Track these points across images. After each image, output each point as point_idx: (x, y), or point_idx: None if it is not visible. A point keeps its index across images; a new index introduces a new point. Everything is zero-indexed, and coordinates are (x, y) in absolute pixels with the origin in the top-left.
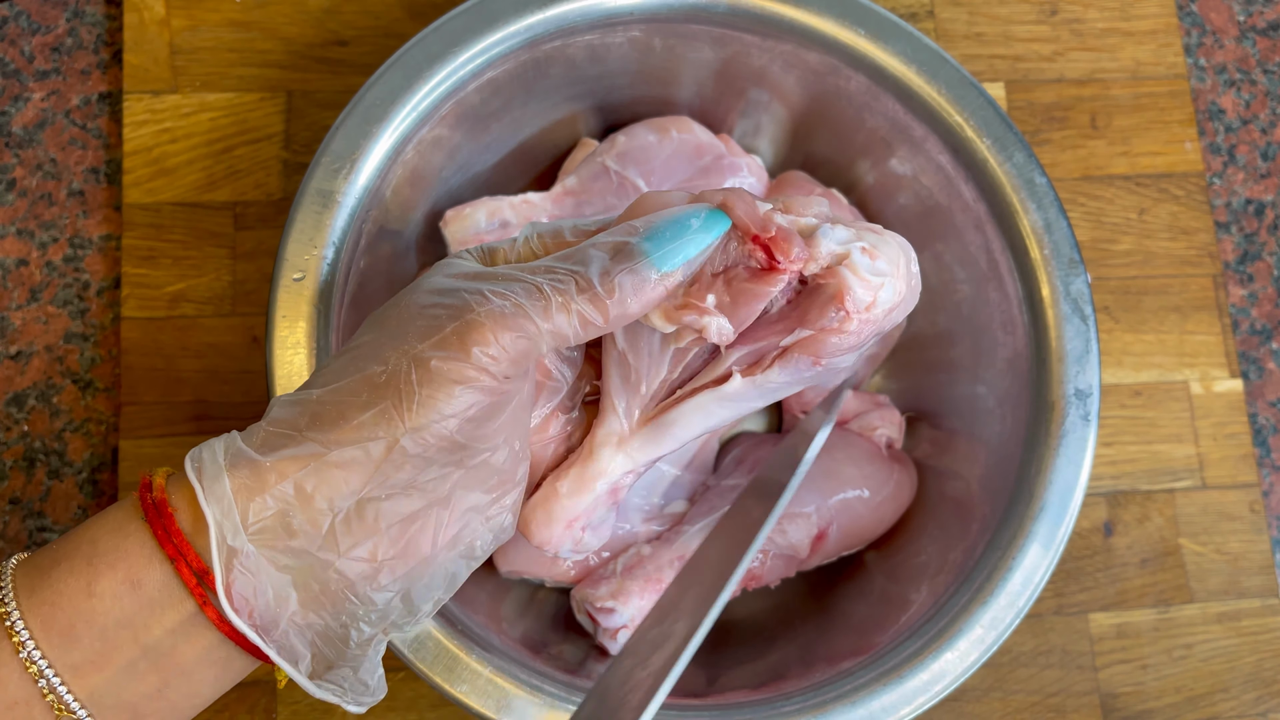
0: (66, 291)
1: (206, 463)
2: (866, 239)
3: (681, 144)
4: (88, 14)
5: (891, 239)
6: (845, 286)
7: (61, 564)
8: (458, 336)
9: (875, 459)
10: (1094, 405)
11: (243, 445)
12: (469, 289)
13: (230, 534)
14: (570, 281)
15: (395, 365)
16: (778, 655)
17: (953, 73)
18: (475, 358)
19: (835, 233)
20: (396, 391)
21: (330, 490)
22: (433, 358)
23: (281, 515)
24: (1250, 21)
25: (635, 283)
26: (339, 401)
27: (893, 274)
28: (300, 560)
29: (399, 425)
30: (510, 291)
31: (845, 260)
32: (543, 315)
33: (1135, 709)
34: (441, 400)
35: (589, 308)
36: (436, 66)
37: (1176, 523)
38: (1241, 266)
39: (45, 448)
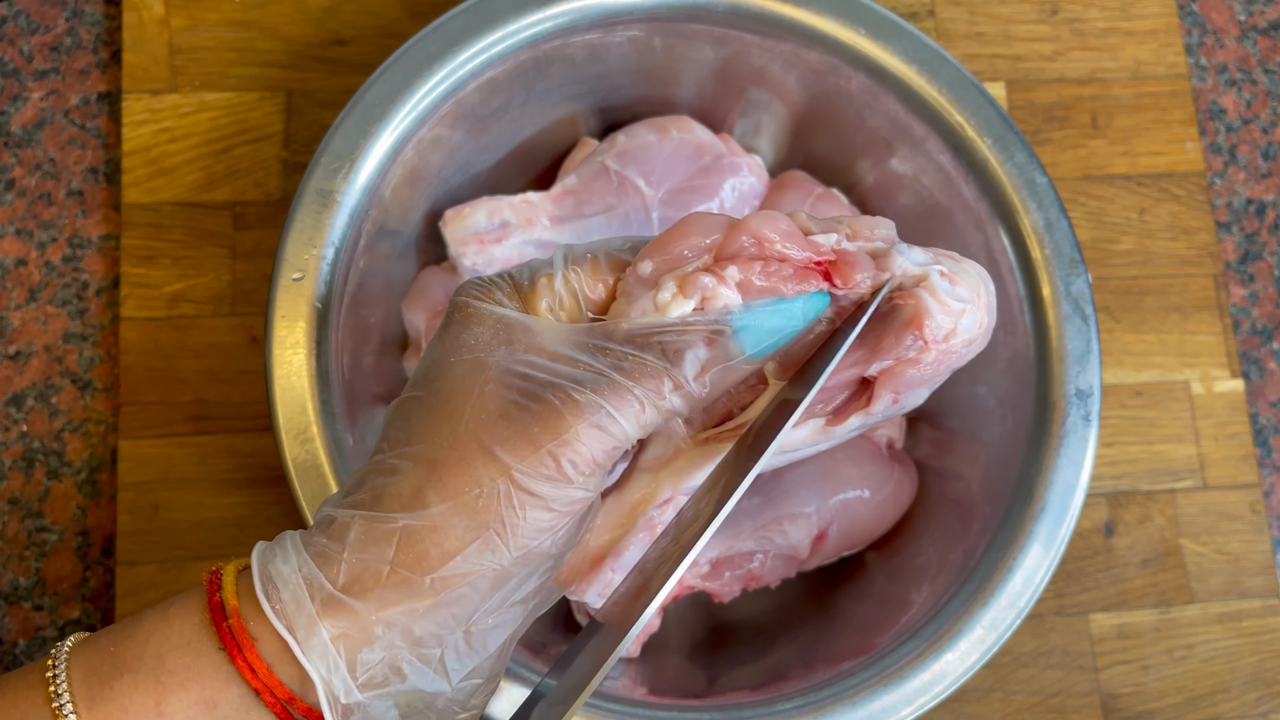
0: (65, 291)
1: (290, 605)
2: (945, 263)
3: (681, 143)
4: (87, 13)
5: (971, 267)
6: (924, 310)
7: (125, 675)
8: (553, 457)
9: (876, 459)
10: (1095, 405)
11: (327, 584)
12: (555, 384)
13: (343, 692)
14: (663, 381)
15: (490, 488)
16: (778, 656)
17: (953, 72)
18: (574, 477)
19: (911, 253)
20: (499, 519)
21: (438, 628)
22: (531, 480)
23: (390, 662)
24: (1251, 21)
25: (725, 372)
26: (434, 530)
27: (974, 302)
28: (411, 695)
29: (504, 553)
30: (601, 398)
31: (924, 283)
32: (635, 421)
33: (1136, 709)
34: (545, 520)
35: (679, 403)
36: (436, 66)
37: (1177, 523)
38: (1242, 266)
39: (44, 448)
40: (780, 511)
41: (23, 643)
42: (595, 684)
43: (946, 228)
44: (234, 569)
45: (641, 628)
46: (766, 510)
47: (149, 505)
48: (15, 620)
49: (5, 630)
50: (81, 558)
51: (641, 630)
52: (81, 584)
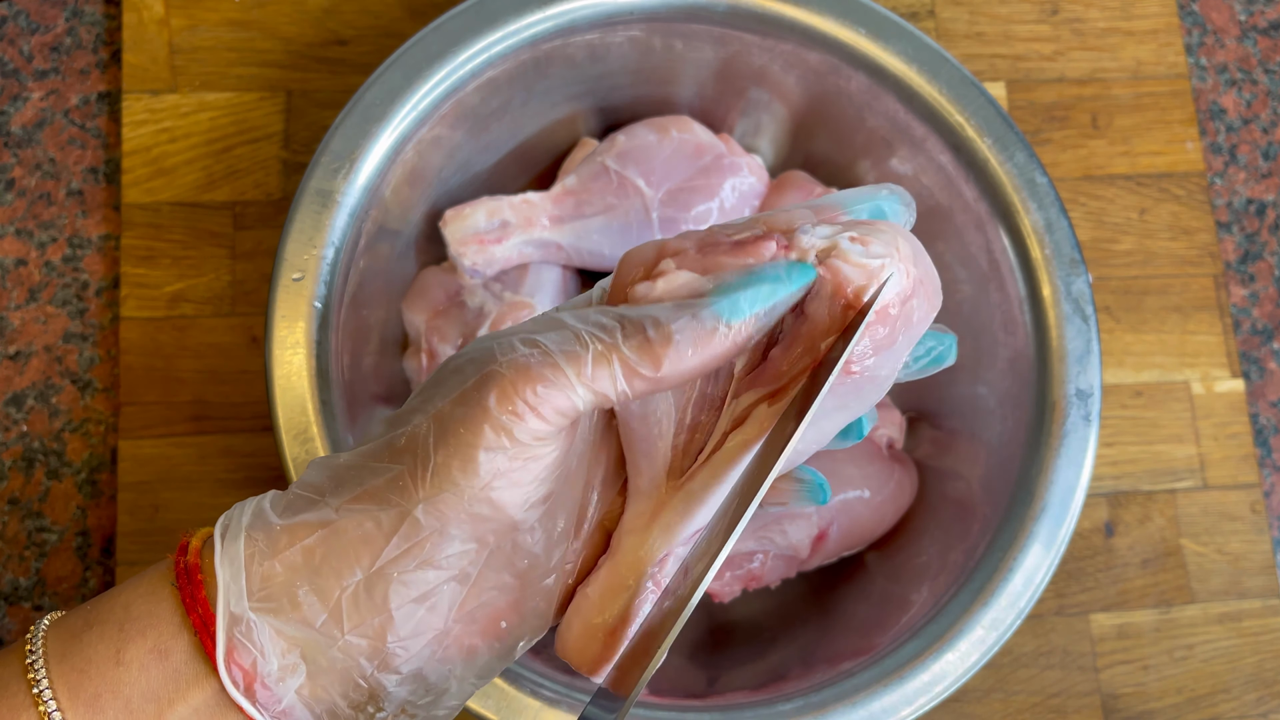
0: (65, 291)
1: (232, 523)
2: (854, 229)
3: (682, 143)
4: (87, 13)
5: (884, 225)
6: (840, 277)
7: (94, 628)
8: (476, 390)
9: (876, 459)
10: (1095, 405)
11: (267, 507)
12: (500, 338)
13: (234, 599)
14: (616, 327)
15: (416, 426)
16: (778, 656)
17: (953, 72)
18: (493, 415)
19: (816, 230)
20: (413, 455)
21: (339, 562)
22: (450, 417)
23: (288, 585)
24: (1251, 21)
25: (696, 331)
26: (360, 466)
27: (891, 256)
28: (306, 633)
29: (413, 495)
30: (542, 339)
31: (834, 251)
32: (577, 363)
33: (1136, 710)
34: (458, 467)
35: (635, 355)
36: (436, 66)
37: (1178, 523)
38: (1243, 266)
39: (44, 448)
40: (780, 511)
41: None
42: None
43: (946, 228)
44: (210, 530)
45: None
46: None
47: (149, 505)
48: (15, 620)
49: (5, 630)
50: (81, 558)
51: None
52: (81, 584)
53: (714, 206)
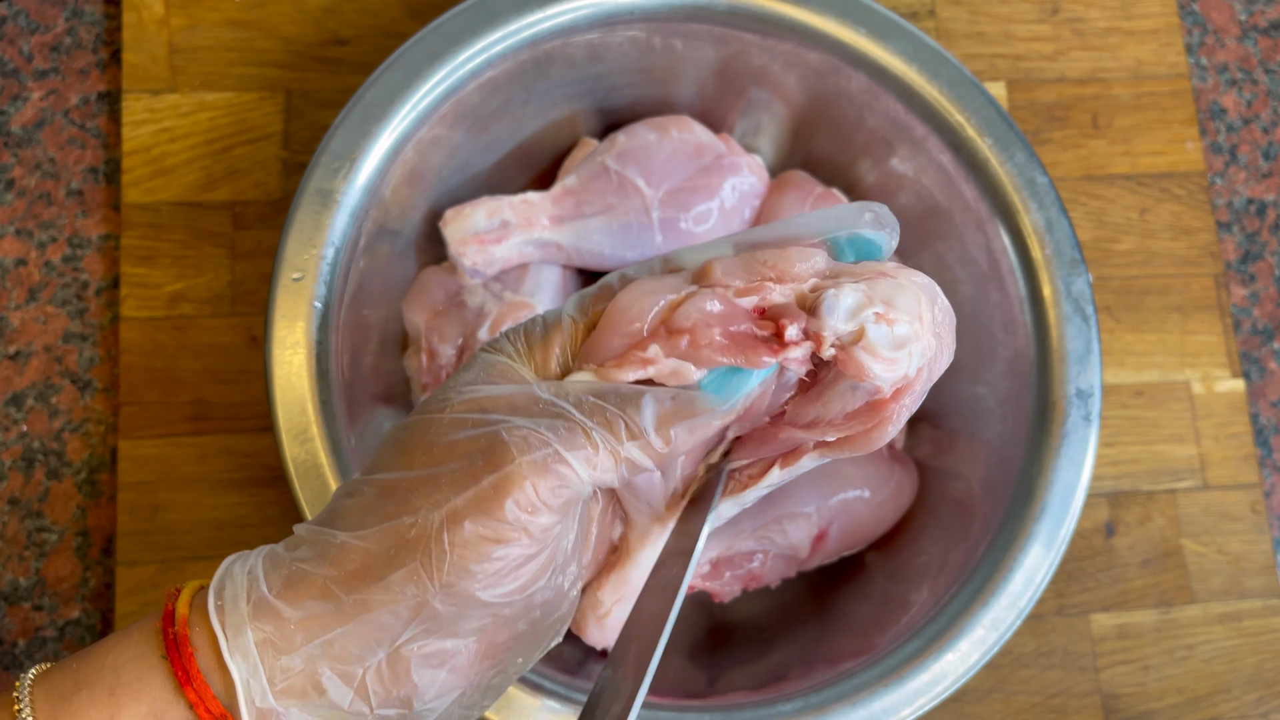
0: (65, 291)
1: (229, 605)
2: (878, 294)
3: (681, 143)
4: (86, 13)
5: (908, 283)
6: (865, 373)
7: (83, 690)
8: (494, 491)
9: (876, 459)
10: (1095, 405)
11: (265, 591)
12: (507, 425)
13: (258, 695)
14: (620, 425)
15: (425, 520)
16: (778, 656)
17: (954, 72)
18: (512, 516)
19: (842, 301)
20: (426, 551)
21: (359, 648)
22: (466, 516)
23: (310, 674)
24: (1252, 21)
25: (691, 427)
26: (365, 551)
27: (916, 332)
28: (335, 714)
29: (429, 587)
30: (554, 436)
31: (861, 340)
32: (587, 464)
33: (1137, 710)
34: (474, 561)
35: (639, 455)
36: (436, 66)
37: (1178, 523)
38: (1243, 266)
39: (44, 448)
40: (780, 511)
41: (23, 643)
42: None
43: (947, 228)
44: (198, 583)
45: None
46: (766, 510)
47: (149, 505)
48: (15, 620)
49: (5, 630)
50: (81, 558)
51: None
52: (81, 584)
53: (714, 206)
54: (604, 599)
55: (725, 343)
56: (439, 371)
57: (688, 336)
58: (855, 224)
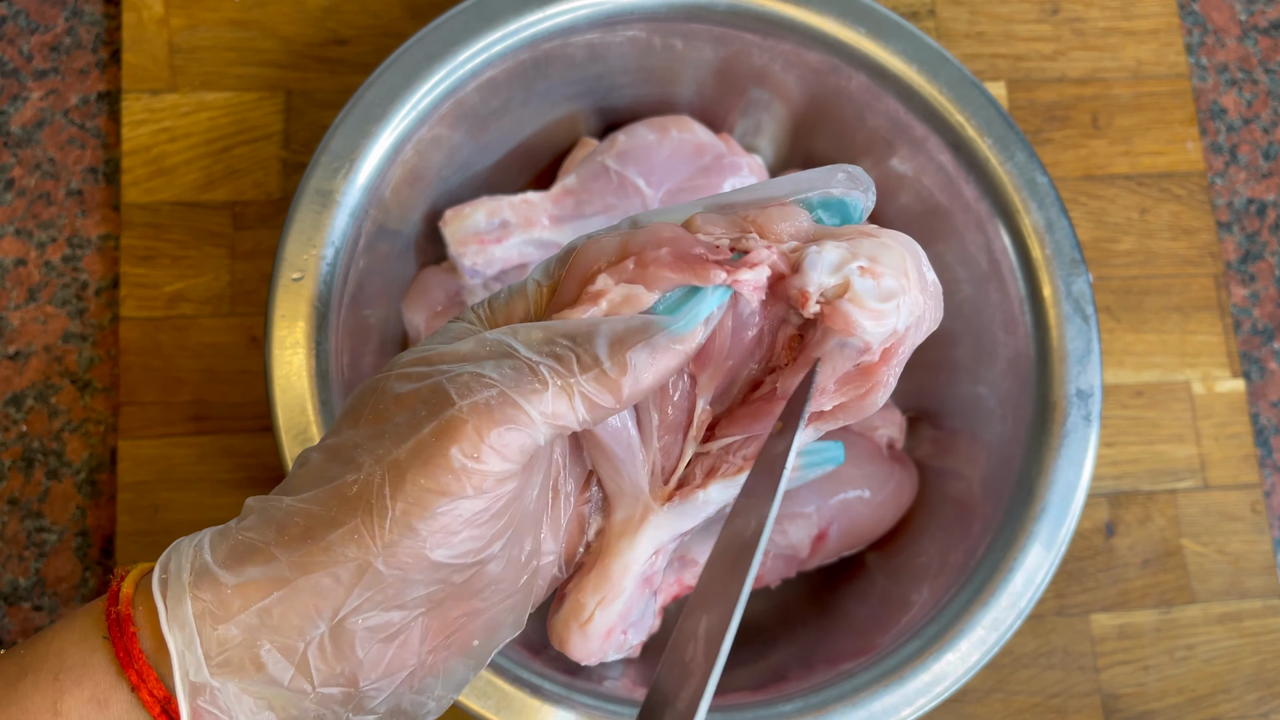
0: (65, 291)
1: (172, 578)
2: (863, 251)
3: (682, 143)
4: (86, 13)
5: (892, 241)
6: (853, 326)
7: (28, 675)
8: (435, 439)
9: (876, 459)
10: (1095, 405)
11: (209, 559)
12: (451, 372)
13: (193, 668)
14: (571, 358)
15: (368, 474)
16: (778, 656)
17: (954, 72)
18: (457, 464)
19: (825, 256)
20: (368, 506)
21: (299, 618)
22: (407, 468)
23: (248, 645)
24: (1252, 21)
25: (650, 354)
26: (308, 513)
27: (903, 286)
28: (275, 690)
29: (370, 547)
30: (499, 375)
31: (847, 292)
32: (537, 401)
33: (1137, 710)
34: (418, 517)
35: (595, 388)
36: (436, 66)
37: (1178, 523)
38: (1243, 266)
39: (44, 448)
40: (780, 511)
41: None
42: None
43: (947, 228)
44: (147, 565)
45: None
46: None
47: (148, 505)
48: (15, 620)
49: (5, 630)
50: (81, 558)
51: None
52: (81, 584)
53: None
54: (585, 602)
55: (673, 260)
56: None
57: (634, 259)
58: (828, 184)
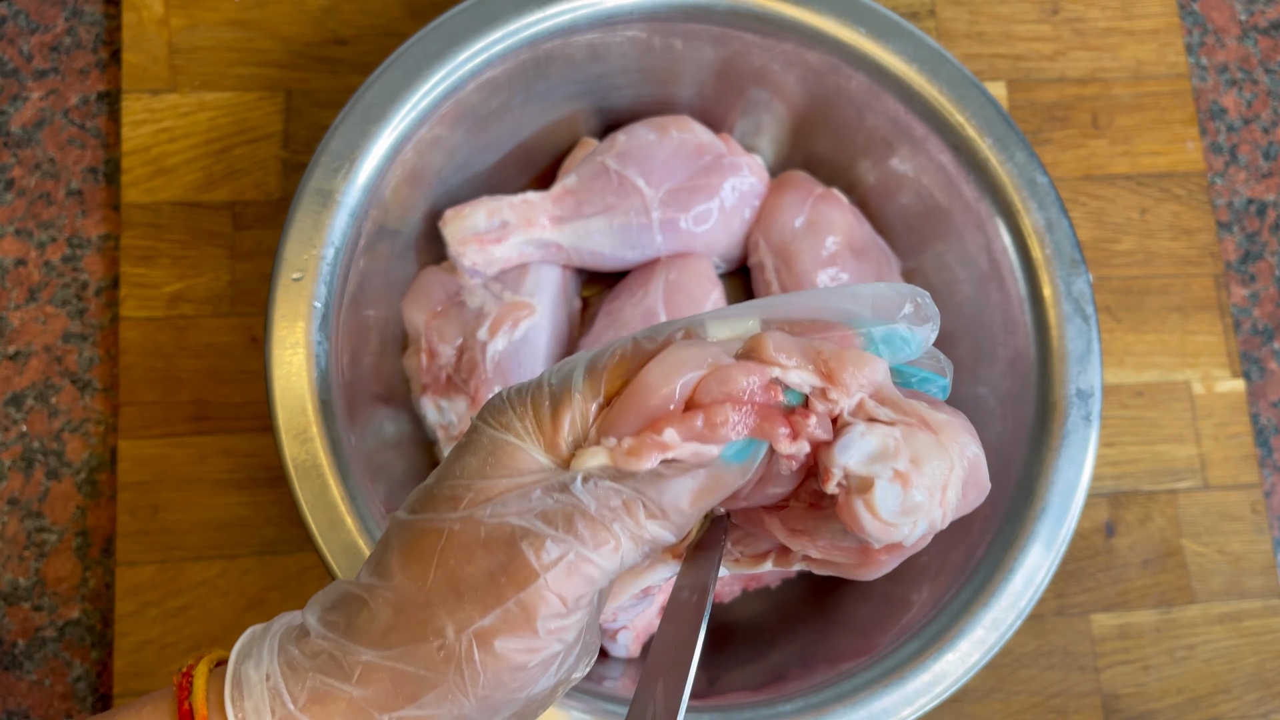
0: (65, 291)
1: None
2: (905, 449)
3: (681, 143)
4: (86, 13)
5: (948, 439)
6: (858, 528)
7: None
8: (520, 610)
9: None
10: (1096, 405)
11: (289, 700)
12: (526, 536)
13: None
14: (639, 508)
15: (454, 642)
16: (778, 656)
17: (954, 72)
18: (544, 631)
19: (865, 442)
20: (459, 671)
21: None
22: (495, 635)
23: None
24: (1252, 21)
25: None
26: (394, 671)
27: (929, 506)
28: None
29: (464, 702)
30: (572, 538)
31: (866, 493)
32: (610, 558)
33: (1137, 710)
34: (507, 674)
35: (660, 532)
36: (436, 66)
37: (1178, 523)
38: (1243, 266)
39: (44, 448)
40: None
41: (22, 643)
42: None
43: (947, 228)
44: (206, 668)
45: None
46: None
47: (148, 505)
48: (15, 620)
49: (5, 630)
50: (81, 558)
51: (642, 629)
52: (81, 584)
53: (714, 206)
54: None
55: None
56: (439, 371)
57: (703, 415)
58: (894, 316)
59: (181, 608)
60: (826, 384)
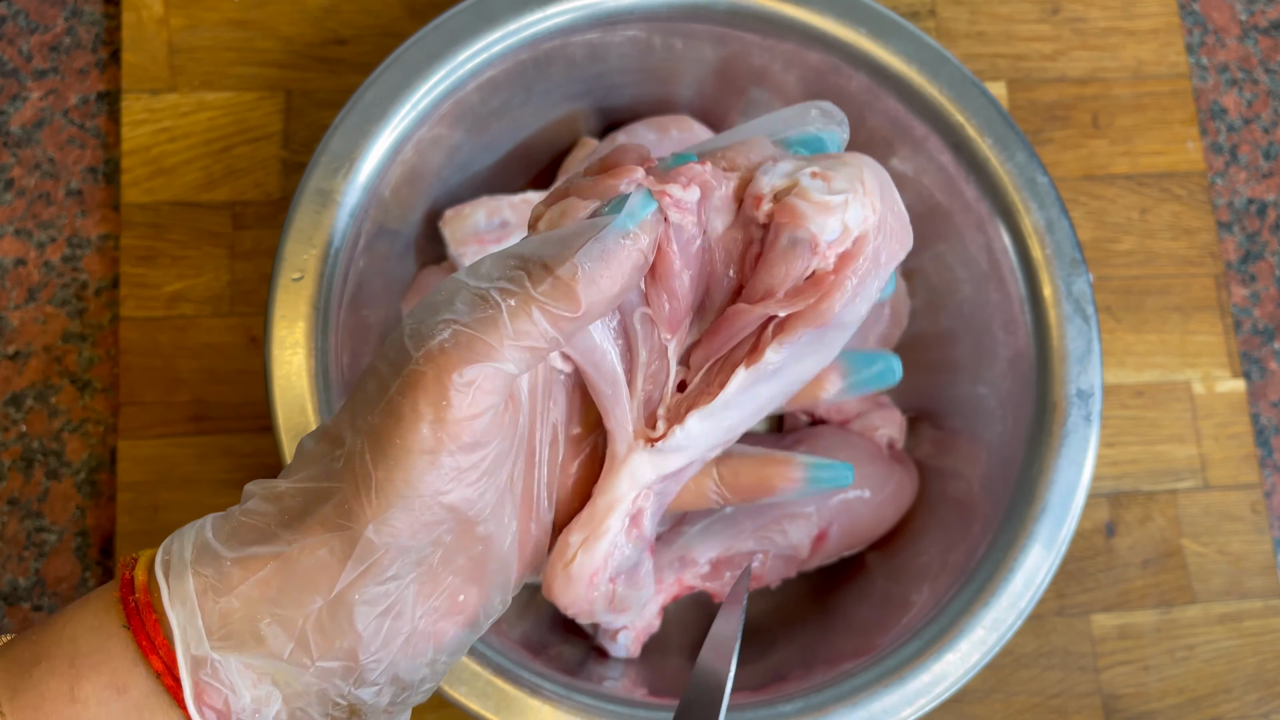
0: (64, 291)
1: (175, 557)
2: (817, 164)
3: (681, 143)
4: (86, 13)
5: (850, 158)
6: (798, 216)
7: (42, 662)
8: (401, 396)
9: (876, 459)
10: (1096, 405)
11: (210, 537)
12: (410, 325)
13: (194, 642)
14: (522, 275)
15: (351, 445)
16: (778, 656)
17: (954, 72)
18: (424, 416)
19: (779, 166)
20: (353, 476)
21: (298, 592)
22: (382, 429)
23: (248, 619)
24: (1252, 20)
25: (600, 252)
26: (303, 491)
27: (855, 191)
28: (275, 664)
29: (361, 515)
30: (451, 314)
31: (794, 189)
32: (495, 328)
33: (1137, 710)
34: (401, 479)
35: (553, 300)
36: (436, 65)
37: (1179, 523)
38: (1243, 266)
39: (43, 448)
40: (780, 511)
41: None
42: None
43: (947, 228)
44: (154, 551)
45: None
46: (766, 510)
47: (148, 505)
48: (15, 620)
49: (5, 630)
50: (81, 558)
51: (642, 630)
52: (81, 584)
53: None
54: (570, 541)
55: (598, 168)
56: None
57: (566, 179)
58: (803, 122)
59: None
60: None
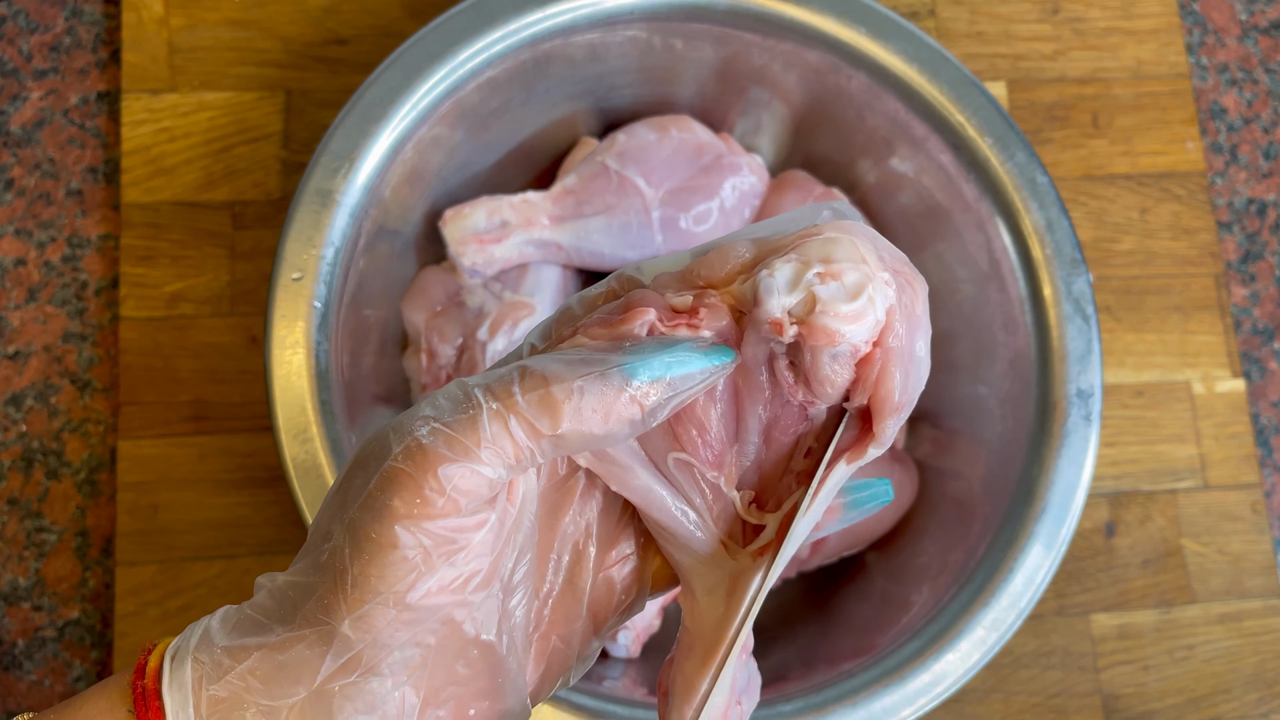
0: (64, 291)
1: (182, 645)
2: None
3: (681, 143)
4: (86, 13)
5: (836, 232)
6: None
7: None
8: (380, 490)
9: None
10: (1096, 405)
11: (216, 626)
12: (400, 421)
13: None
14: (513, 379)
15: (336, 540)
16: (778, 656)
17: (954, 72)
18: (400, 514)
19: (778, 276)
20: (333, 571)
21: (282, 685)
22: (360, 524)
23: (235, 706)
24: (1252, 21)
25: (601, 391)
26: (295, 584)
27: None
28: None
29: (338, 611)
30: (433, 410)
31: (815, 306)
32: (474, 430)
33: (1137, 710)
34: (375, 575)
35: (534, 410)
36: (436, 65)
37: (1178, 523)
38: (1243, 266)
39: (43, 448)
40: None
41: (22, 643)
42: None
43: (947, 228)
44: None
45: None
46: None
47: (148, 505)
48: (15, 620)
49: (5, 630)
50: (81, 558)
51: (642, 630)
52: (81, 584)
53: (714, 206)
54: (697, 685)
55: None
56: (439, 371)
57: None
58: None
59: (181, 608)
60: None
